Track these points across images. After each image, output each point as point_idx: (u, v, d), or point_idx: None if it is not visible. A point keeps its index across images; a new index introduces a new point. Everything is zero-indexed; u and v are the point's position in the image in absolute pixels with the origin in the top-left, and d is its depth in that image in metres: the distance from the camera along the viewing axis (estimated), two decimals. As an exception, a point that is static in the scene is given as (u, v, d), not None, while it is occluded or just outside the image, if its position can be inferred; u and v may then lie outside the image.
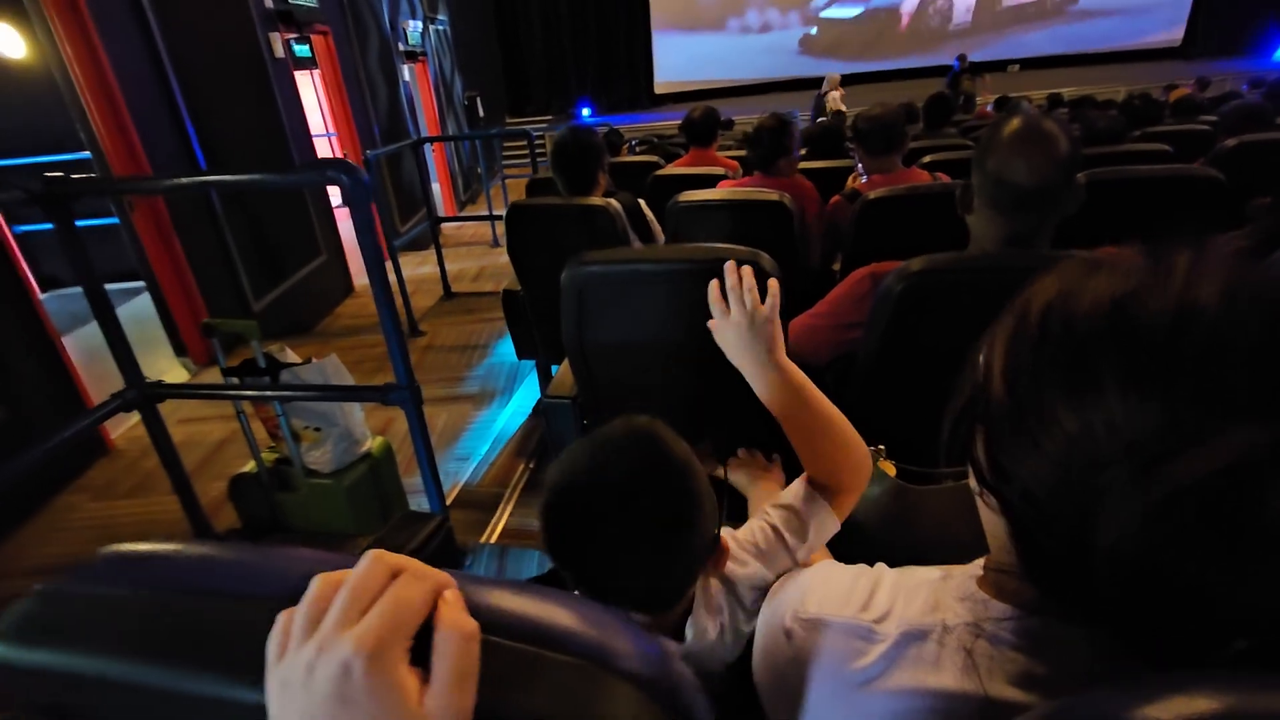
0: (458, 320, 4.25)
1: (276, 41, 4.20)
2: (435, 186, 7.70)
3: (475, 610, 0.30)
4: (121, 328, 1.46)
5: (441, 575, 0.31)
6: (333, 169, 1.18)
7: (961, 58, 8.73)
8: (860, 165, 2.33)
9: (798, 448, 0.83)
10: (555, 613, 0.32)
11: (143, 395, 1.49)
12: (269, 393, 1.62)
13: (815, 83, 11.55)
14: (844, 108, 7.80)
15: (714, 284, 0.90)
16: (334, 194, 7.65)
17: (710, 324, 0.91)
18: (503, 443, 2.77)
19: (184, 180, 1.23)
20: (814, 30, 11.83)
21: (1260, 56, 10.77)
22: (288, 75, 4.43)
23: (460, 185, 8.15)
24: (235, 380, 1.68)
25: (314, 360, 1.75)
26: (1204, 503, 0.33)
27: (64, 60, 2.77)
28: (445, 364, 3.63)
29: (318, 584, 0.31)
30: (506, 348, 3.70)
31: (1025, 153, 1.12)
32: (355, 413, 1.88)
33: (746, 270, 0.89)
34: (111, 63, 2.88)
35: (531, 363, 3.10)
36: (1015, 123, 1.16)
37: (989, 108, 6.62)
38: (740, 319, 0.87)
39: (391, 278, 4.62)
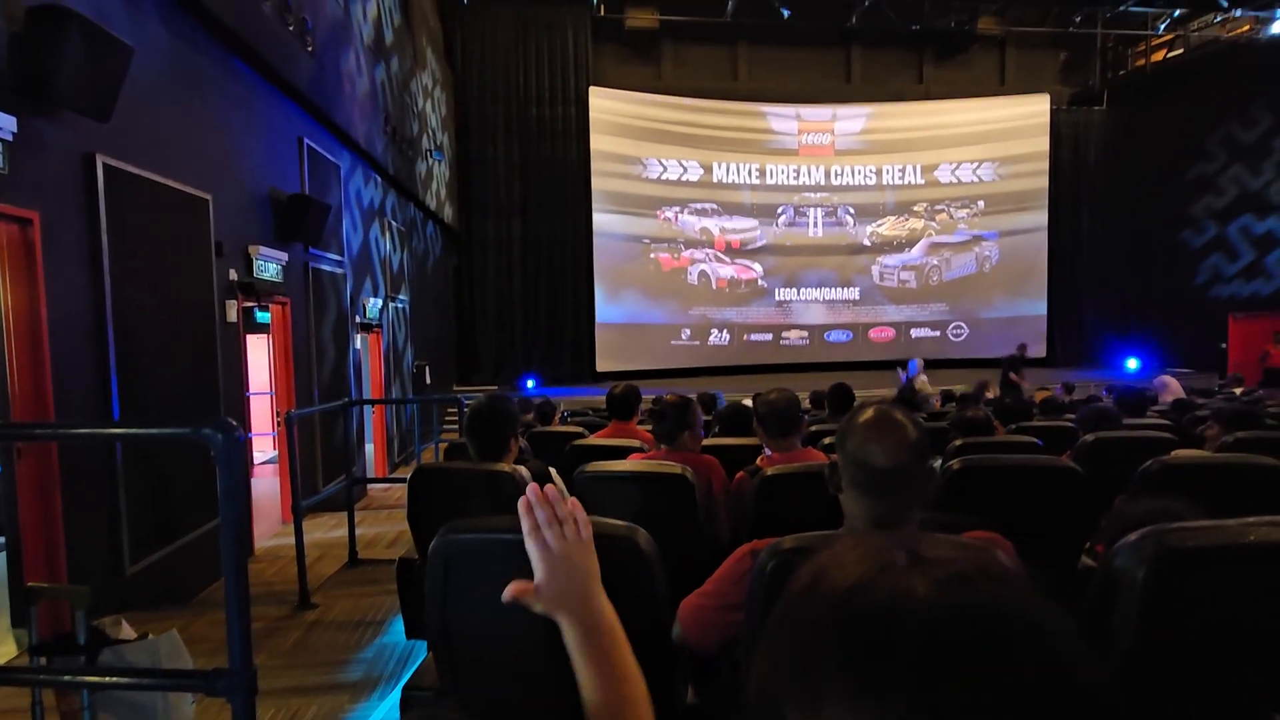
0: (357, 591, 3.89)
1: (232, 308, 4.47)
2: (370, 447, 7.68)
3: None
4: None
5: None
6: (209, 426, 1.17)
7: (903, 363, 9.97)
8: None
9: (590, 704, 0.72)
10: None
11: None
12: (57, 677, 1.37)
13: (741, 369, 12.77)
14: (931, 390, 8.40)
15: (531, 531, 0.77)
16: (259, 450, 7.50)
17: (524, 587, 0.76)
18: (374, 746, 2.34)
19: (11, 431, 1.18)
20: (727, 336, 13.48)
21: (1113, 368, 12.64)
22: (235, 339, 4.64)
23: (396, 447, 8.16)
24: (42, 660, 1.42)
25: (150, 636, 1.52)
26: None
27: (3, 310, 2.85)
28: (331, 644, 3.22)
29: None
30: (401, 625, 3.34)
31: (878, 438, 1.20)
32: (184, 706, 1.58)
33: (549, 490, 0.77)
34: (50, 311, 2.97)
35: (424, 644, 2.79)
36: (869, 412, 1.27)
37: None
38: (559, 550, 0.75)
39: (289, 541, 4.32)
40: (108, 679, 1.34)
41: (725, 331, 13.44)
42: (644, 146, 12.86)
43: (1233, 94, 12.42)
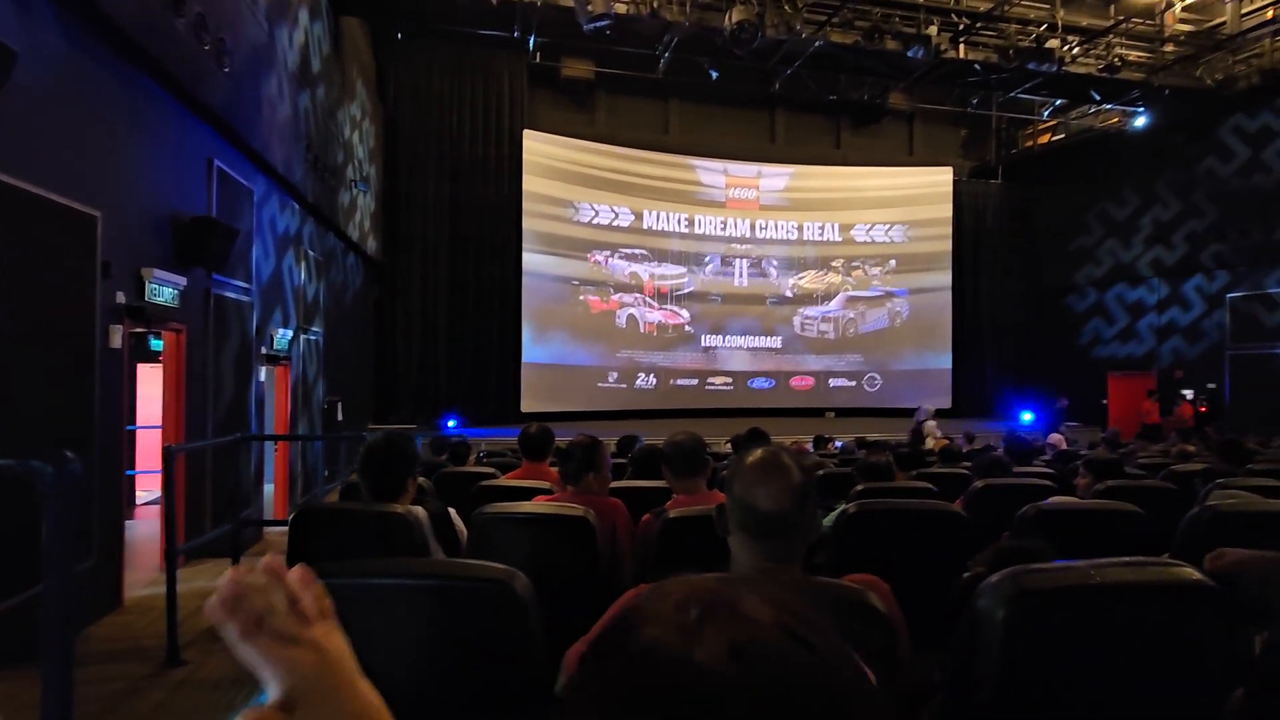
0: (238, 644, 3.56)
1: (116, 333, 4.14)
2: (269, 487, 7.19)
3: None
4: None
5: None
6: (41, 459, 1.05)
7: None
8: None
9: None
10: None
11: None
12: None
13: (666, 413, 12.86)
14: (937, 436, 8.32)
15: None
16: (146, 487, 6.89)
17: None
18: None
19: None
20: (653, 380, 13.64)
21: (1011, 419, 13.51)
22: (119, 367, 4.29)
23: (299, 488, 7.67)
24: None
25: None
26: None
27: None
28: (199, 706, 2.92)
29: None
30: (286, 680, 3.07)
31: (764, 481, 1.22)
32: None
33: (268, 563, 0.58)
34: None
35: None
36: (757, 454, 1.29)
37: (809, 445, 7.57)
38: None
39: (160, 590, 3.94)
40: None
41: (652, 375, 13.56)
42: (576, 190, 13.04)
43: (1106, 176, 13.88)
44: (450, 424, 11.26)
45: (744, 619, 0.34)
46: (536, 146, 12.63)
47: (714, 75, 11.93)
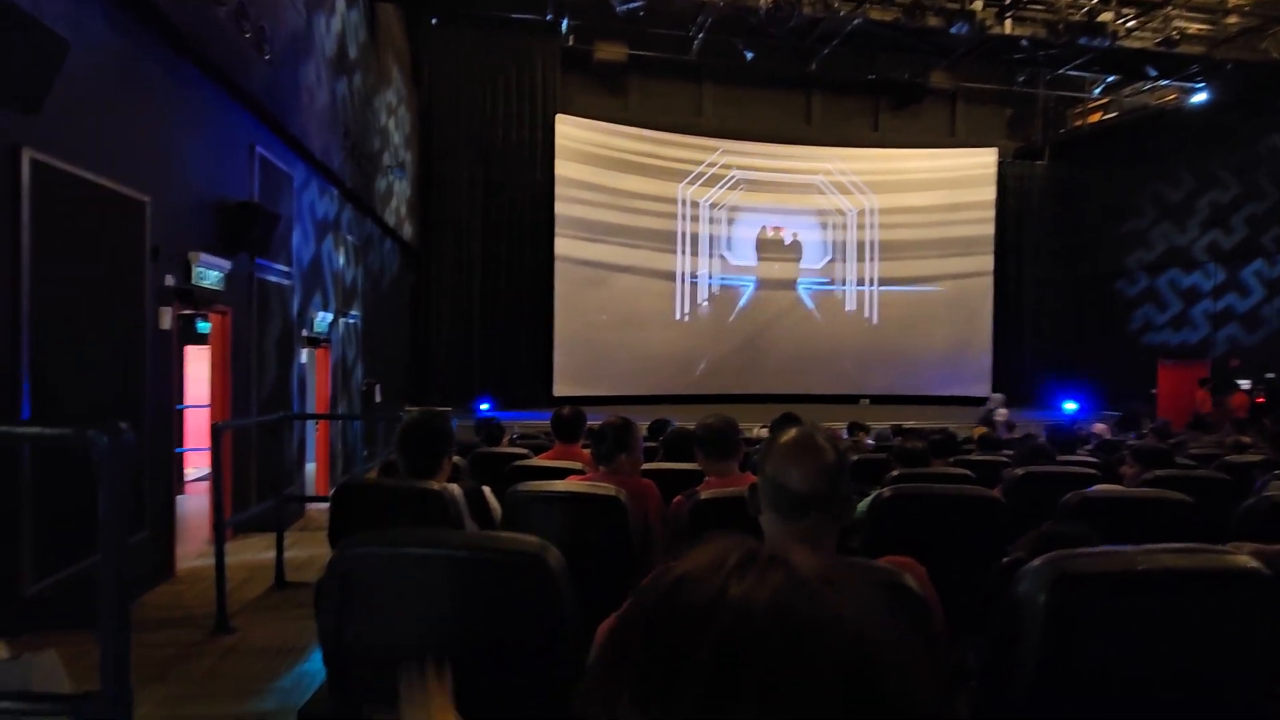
0: (281, 616, 3.70)
1: (166, 315, 4.29)
2: (311, 466, 7.40)
3: None
4: None
5: None
6: (94, 428, 1.10)
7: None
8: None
9: None
10: None
11: None
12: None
13: (697, 399, 12.83)
14: (1003, 422, 8.24)
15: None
16: (194, 464, 7.16)
17: None
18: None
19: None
20: (702, 365, 13.58)
21: (1053, 408, 13.13)
22: (169, 347, 4.44)
23: (340, 467, 7.88)
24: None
25: (25, 656, 1.40)
26: None
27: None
28: (247, 672, 3.04)
29: None
30: (327, 651, 3.19)
31: (797, 461, 1.20)
32: (59, 734, 1.45)
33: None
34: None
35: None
36: (791, 434, 1.27)
37: (843, 432, 7.47)
38: None
39: (209, 562, 4.11)
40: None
41: (683, 360, 13.52)
42: (609, 175, 12.99)
43: (1160, 156, 13.27)
44: (483, 407, 11.43)
45: (786, 566, 0.34)
46: (569, 131, 12.61)
47: (749, 56, 11.72)
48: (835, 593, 0.33)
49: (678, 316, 13.52)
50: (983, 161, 14.49)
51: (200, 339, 6.85)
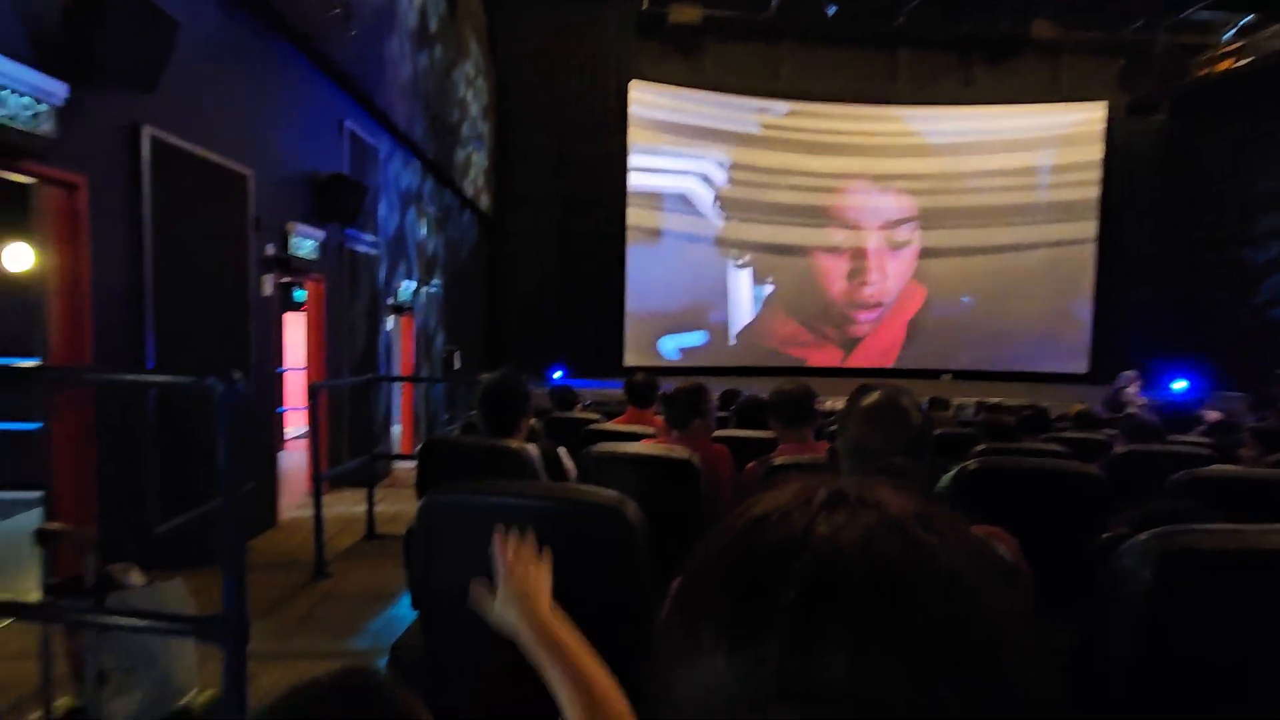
0: (372, 565, 3.96)
1: (268, 282, 4.58)
2: (397, 428, 7.80)
3: None
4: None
5: None
6: (212, 377, 1.19)
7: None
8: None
9: (562, 709, 0.75)
10: None
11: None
12: (61, 613, 1.41)
13: (770, 370, 12.64)
14: (1139, 401, 8.04)
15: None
16: (292, 424, 7.69)
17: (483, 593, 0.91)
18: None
19: (53, 372, 1.21)
20: (758, 336, 13.32)
21: (1160, 388, 12.15)
22: (270, 312, 4.75)
23: (423, 429, 8.27)
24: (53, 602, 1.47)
25: (157, 583, 1.56)
26: None
27: (49, 270, 2.97)
28: (342, 614, 3.28)
29: None
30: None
31: (880, 423, 1.17)
32: (185, 654, 1.62)
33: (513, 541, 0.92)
34: (94, 280, 3.08)
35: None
36: (874, 395, 1.23)
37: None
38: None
39: (308, 513, 4.40)
40: (107, 619, 1.38)
41: (760, 330, 13.31)
42: (683, 142, 12.81)
43: (1303, 107, 11.81)
44: (556, 375, 11.68)
45: (878, 506, 0.32)
46: (643, 98, 12.48)
47: (830, 11, 11.17)
48: (932, 535, 0.32)
49: (751, 285, 13.30)
50: (1089, 118, 13.35)
51: (296, 307, 7.30)
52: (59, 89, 2.74)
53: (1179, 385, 12.09)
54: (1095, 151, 13.36)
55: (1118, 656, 1.05)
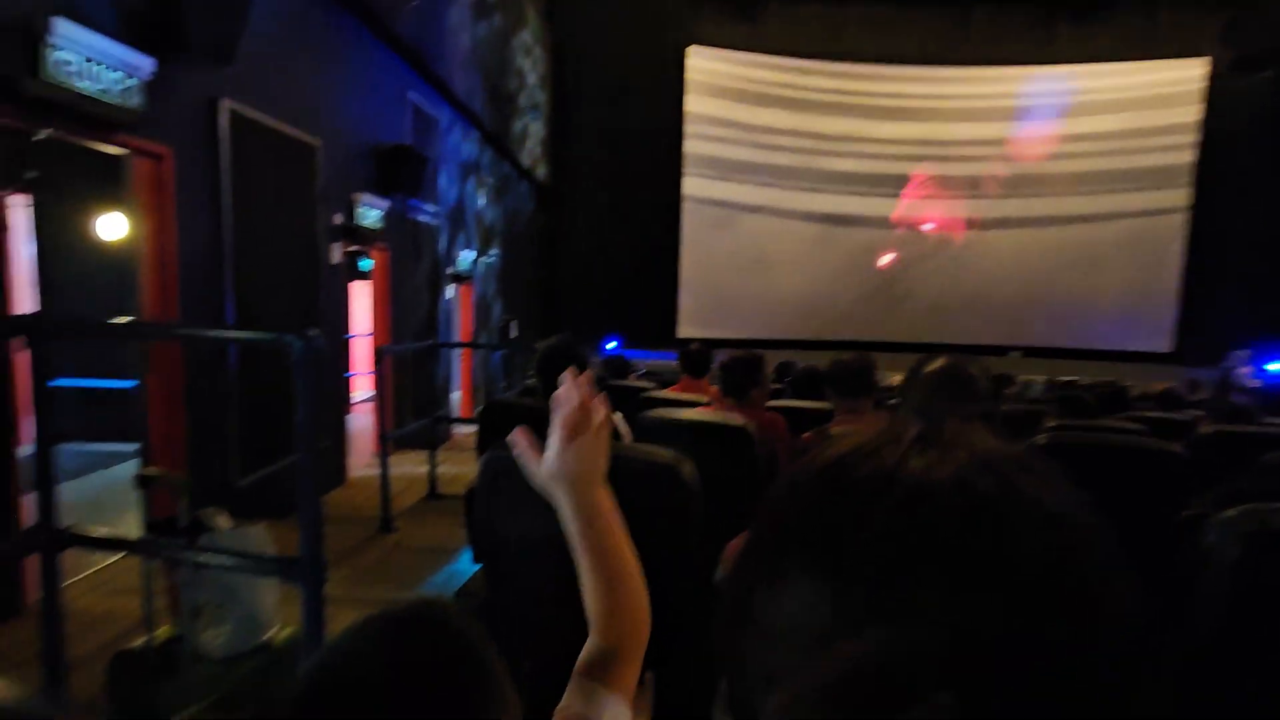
0: (434, 522, 4.13)
1: (336, 251, 4.76)
2: (456, 394, 8.05)
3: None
4: (51, 466, 1.45)
5: None
6: (289, 334, 1.25)
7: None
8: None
9: (586, 595, 0.75)
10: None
11: (45, 538, 1.43)
12: (172, 553, 1.54)
13: (828, 344, 12.38)
14: (1251, 382, 7.86)
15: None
16: (358, 388, 8.03)
17: (529, 441, 0.80)
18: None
19: (145, 327, 1.30)
20: (816, 308, 13.01)
21: (1257, 369, 11.31)
22: (339, 280, 4.94)
23: (482, 395, 8.51)
24: (150, 538, 1.61)
25: (242, 527, 1.68)
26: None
27: (141, 237, 3.17)
28: (407, 565, 3.45)
29: None
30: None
31: (946, 391, 1.14)
32: (269, 594, 1.75)
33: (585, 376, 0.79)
34: (180, 248, 3.27)
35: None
36: (939, 363, 1.20)
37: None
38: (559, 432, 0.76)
39: (374, 472, 4.59)
40: (200, 557, 1.50)
41: (819, 303, 13.02)
42: (741, 109, 12.51)
43: None
44: (610, 345, 11.78)
45: (970, 446, 0.31)
46: (701, 64, 12.21)
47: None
48: (1028, 475, 0.31)
49: (809, 257, 12.99)
50: (1186, 76, 12.33)
51: (361, 275, 7.56)
52: (146, 63, 2.88)
53: (1275, 367, 11.24)
54: (1191, 113, 12.36)
55: (1198, 637, 1.01)
